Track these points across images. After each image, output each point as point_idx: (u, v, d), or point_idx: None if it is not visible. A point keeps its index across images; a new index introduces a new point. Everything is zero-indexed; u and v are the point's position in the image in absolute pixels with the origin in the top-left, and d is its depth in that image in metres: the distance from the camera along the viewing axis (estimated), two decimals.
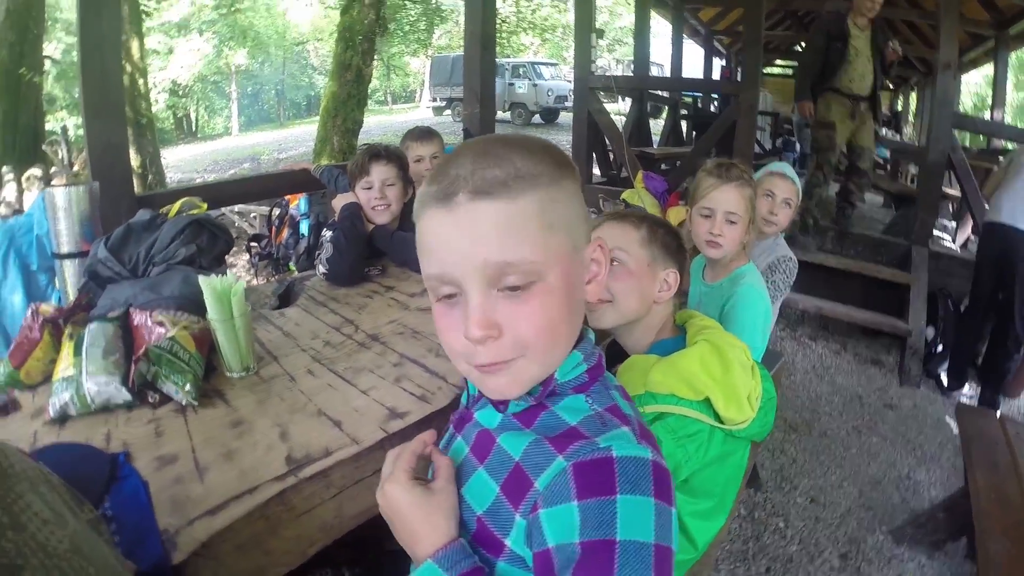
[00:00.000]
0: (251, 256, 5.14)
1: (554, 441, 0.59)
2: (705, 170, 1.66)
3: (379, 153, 2.06)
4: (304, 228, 4.74)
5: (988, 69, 16.78)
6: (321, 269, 1.93)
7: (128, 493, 0.85)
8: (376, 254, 2.06)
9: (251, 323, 1.27)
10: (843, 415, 3.18)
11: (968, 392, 3.68)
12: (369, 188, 2.02)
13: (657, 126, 9.07)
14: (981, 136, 9.09)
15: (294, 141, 16.75)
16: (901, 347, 3.79)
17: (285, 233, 4.99)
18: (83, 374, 1.09)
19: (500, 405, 0.66)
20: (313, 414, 1.11)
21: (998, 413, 2.50)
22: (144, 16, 10.68)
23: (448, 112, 18.29)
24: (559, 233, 0.59)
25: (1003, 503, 1.77)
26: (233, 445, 1.00)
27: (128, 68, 7.62)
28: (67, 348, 1.16)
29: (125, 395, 1.10)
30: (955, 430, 3.03)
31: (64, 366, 1.13)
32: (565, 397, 0.64)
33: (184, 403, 1.12)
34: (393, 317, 1.62)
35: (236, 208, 7.15)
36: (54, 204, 1.79)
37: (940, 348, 3.78)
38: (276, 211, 4.96)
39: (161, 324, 1.20)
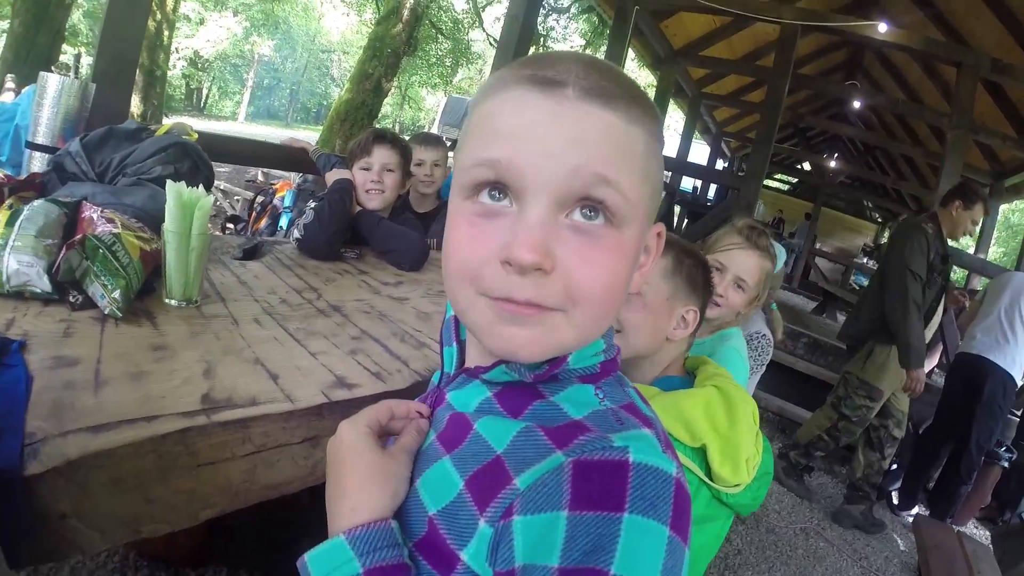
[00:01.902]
0: (223, 236, 4.98)
1: (551, 433, 0.45)
2: (734, 226, 1.55)
3: (384, 136, 1.96)
4: (284, 221, 4.60)
5: None
6: (296, 234, 1.80)
7: (5, 382, 0.69)
8: (356, 240, 1.93)
9: (208, 249, 1.12)
10: (791, 515, 3.14)
11: (916, 513, 3.68)
12: (367, 169, 1.92)
13: None
14: (958, 274, 9.46)
15: None
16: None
17: (264, 222, 4.84)
18: (7, 247, 0.93)
19: (480, 370, 0.51)
20: (249, 360, 0.95)
21: (956, 529, 2.50)
22: None
23: (452, 155, 18.30)
24: (649, 190, 0.48)
25: None
26: (146, 368, 0.84)
27: (157, 16, 7.54)
28: (1, 216, 1.00)
29: (46, 284, 0.94)
30: (903, 547, 3.15)
31: None
32: (568, 386, 0.49)
33: (107, 311, 0.96)
34: (361, 296, 1.48)
35: (221, 186, 7.00)
36: (44, 89, 1.63)
37: (894, 467, 3.81)
38: (260, 198, 4.82)
39: (111, 221, 1.04)
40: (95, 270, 0.95)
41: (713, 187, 11.19)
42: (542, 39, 15.02)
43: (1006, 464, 3.64)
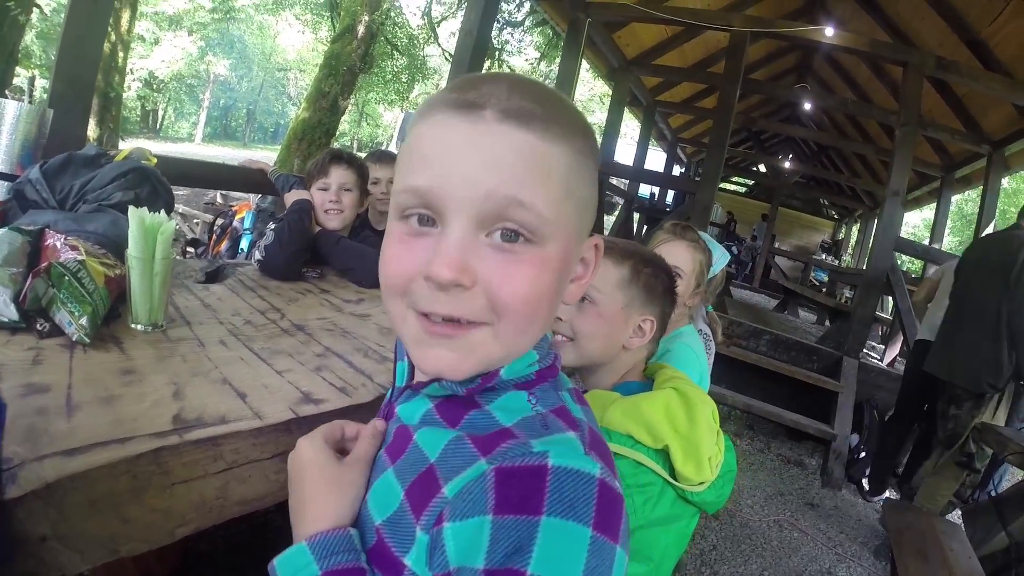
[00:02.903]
0: (184, 259, 4.90)
1: (479, 441, 0.48)
2: (662, 227, 1.64)
3: (341, 156, 1.99)
4: (244, 243, 4.56)
5: (926, 213, 18.22)
6: (257, 255, 1.82)
7: None
8: (317, 260, 1.95)
9: (171, 274, 1.14)
10: (764, 508, 3.21)
11: (887, 498, 3.78)
12: (325, 190, 1.94)
13: (611, 222, 9.39)
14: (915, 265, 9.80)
15: None
16: (825, 451, 3.94)
17: (224, 244, 4.78)
18: None
19: (420, 385, 0.55)
20: (217, 381, 0.98)
21: (925, 508, 2.56)
22: None
23: None
24: (572, 206, 0.50)
25: None
26: (116, 391, 0.86)
27: (112, 37, 7.40)
28: None
29: (12, 313, 0.95)
30: (875, 532, 3.15)
31: None
32: (503, 394, 0.52)
33: (75, 338, 0.97)
34: (323, 315, 1.51)
35: (180, 210, 6.88)
36: (1, 116, 1.62)
37: (863, 455, 3.91)
38: (220, 221, 4.77)
39: (75, 248, 1.05)
40: (61, 297, 0.96)
41: (671, 193, 11.41)
42: (497, 53, 15.12)
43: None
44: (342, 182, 1.95)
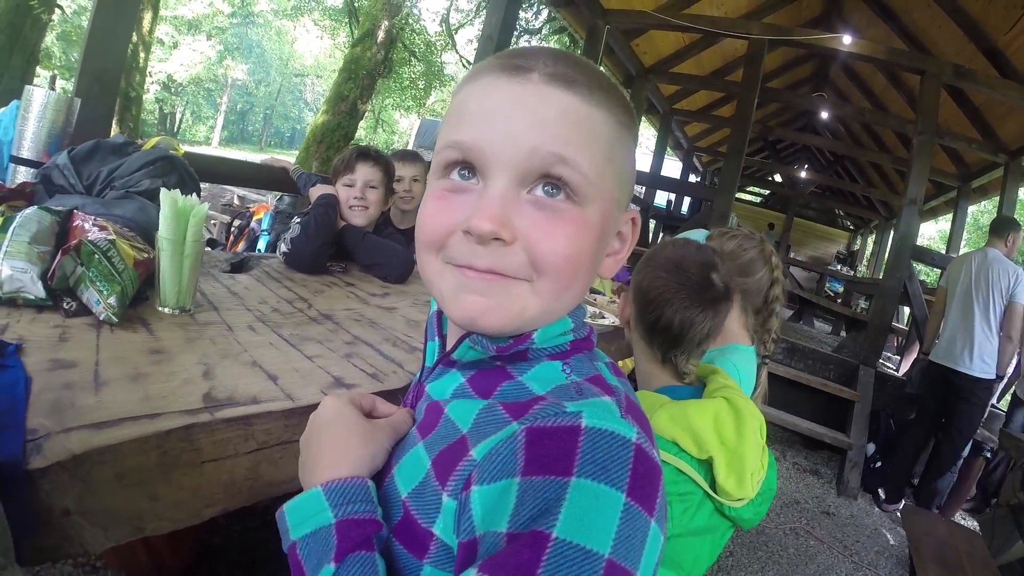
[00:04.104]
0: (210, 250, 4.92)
1: (511, 408, 0.46)
2: (709, 237, 1.54)
3: (367, 153, 1.98)
4: (262, 244, 4.57)
5: (942, 224, 17.98)
6: (282, 248, 1.80)
7: (4, 381, 0.69)
8: (341, 255, 1.94)
9: (201, 257, 1.13)
10: (780, 516, 3.17)
11: (905, 505, 3.75)
12: (351, 186, 1.93)
13: None
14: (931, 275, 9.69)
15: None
16: (840, 460, 3.91)
17: (241, 246, 4.80)
18: (0, 254, 0.93)
19: (450, 359, 0.53)
20: (247, 363, 0.96)
21: (943, 517, 2.55)
22: None
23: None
24: (614, 174, 0.49)
25: None
26: (145, 370, 0.84)
27: (134, 37, 7.50)
28: None
29: (40, 290, 0.94)
30: (892, 541, 3.18)
31: None
32: (537, 364, 0.50)
33: (102, 317, 0.96)
34: (350, 306, 1.49)
35: None
36: (29, 103, 1.62)
37: (879, 464, 3.86)
38: (237, 222, 4.80)
39: (104, 229, 1.04)
40: (90, 276, 0.95)
41: (687, 201, 11.35)
42: None
43: (988, 454, 3.73)
44: (368, 179, 1.94)
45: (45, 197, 1.34)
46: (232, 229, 4.74)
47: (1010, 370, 3.59)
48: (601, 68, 0.54)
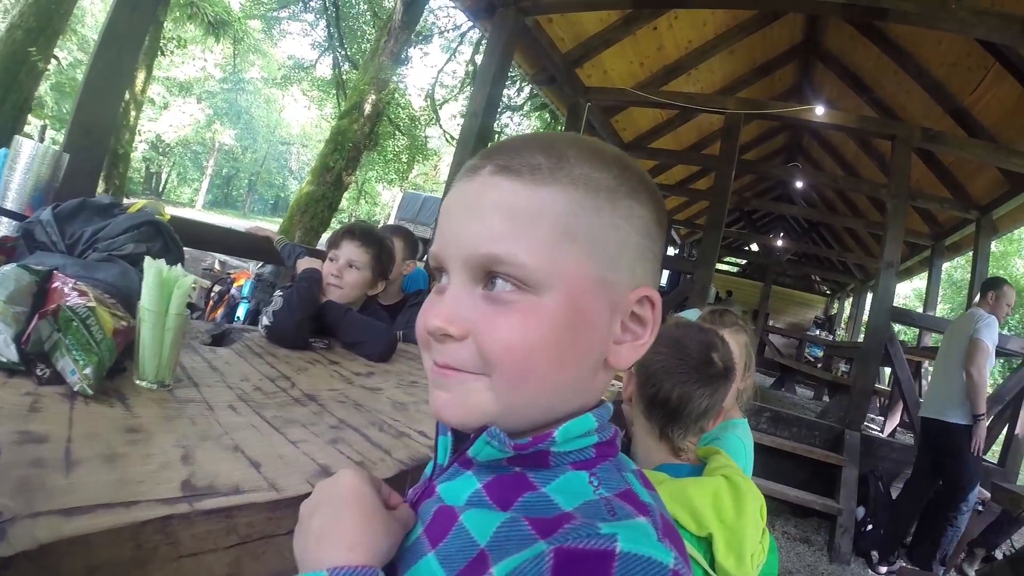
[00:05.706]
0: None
1: (538, 524, 0.42)
2: (701, 317, 1.61)
3: (354, 231, 1.95)
4: (241, 312, 4.51)
5: (916, 283, 18.33)
6: (264, 321, 1.76)
7: None
8: (324, 331, 1.89)
9: (183, 330, 1.09)
10: None
11: (900, 567, 3.74)
12: (333, 260, 1.91)
13: None
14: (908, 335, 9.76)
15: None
16: (831, 526, 3.86)
17: (220, 312, 4.73)
18: None
19: (465, 459, 0.50)
20: (228, 447, 0.90)
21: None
22: (160, 53, 10.84)
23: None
24: (578, 249, 0.46)
25: None
26: (121, 449, 0.79)
27: (126, 95, 7.61)
28: None
29: (13, 354, 0.88)
30: None
31: None
32: (561, 474, 0.47)
33: (76, 388, 0.90)
34: (334, 386, 1.44)
35: None
36: (17, 154, 1.59)
37: (870, 527, 3.82)
38: (218, 287, 4.74)
39: (84, 295, 1.00)
40: (67, 343, 0.90)
41: (665, 275, 11.51)
42: (496, 135, 15.66)
43: (980, 508, 3.73)
44: (351, 258, 1.91)
45: (26, 253, 1.31)
46: (212, 295, 4.68)
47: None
48: (593, 138, 0.53)
